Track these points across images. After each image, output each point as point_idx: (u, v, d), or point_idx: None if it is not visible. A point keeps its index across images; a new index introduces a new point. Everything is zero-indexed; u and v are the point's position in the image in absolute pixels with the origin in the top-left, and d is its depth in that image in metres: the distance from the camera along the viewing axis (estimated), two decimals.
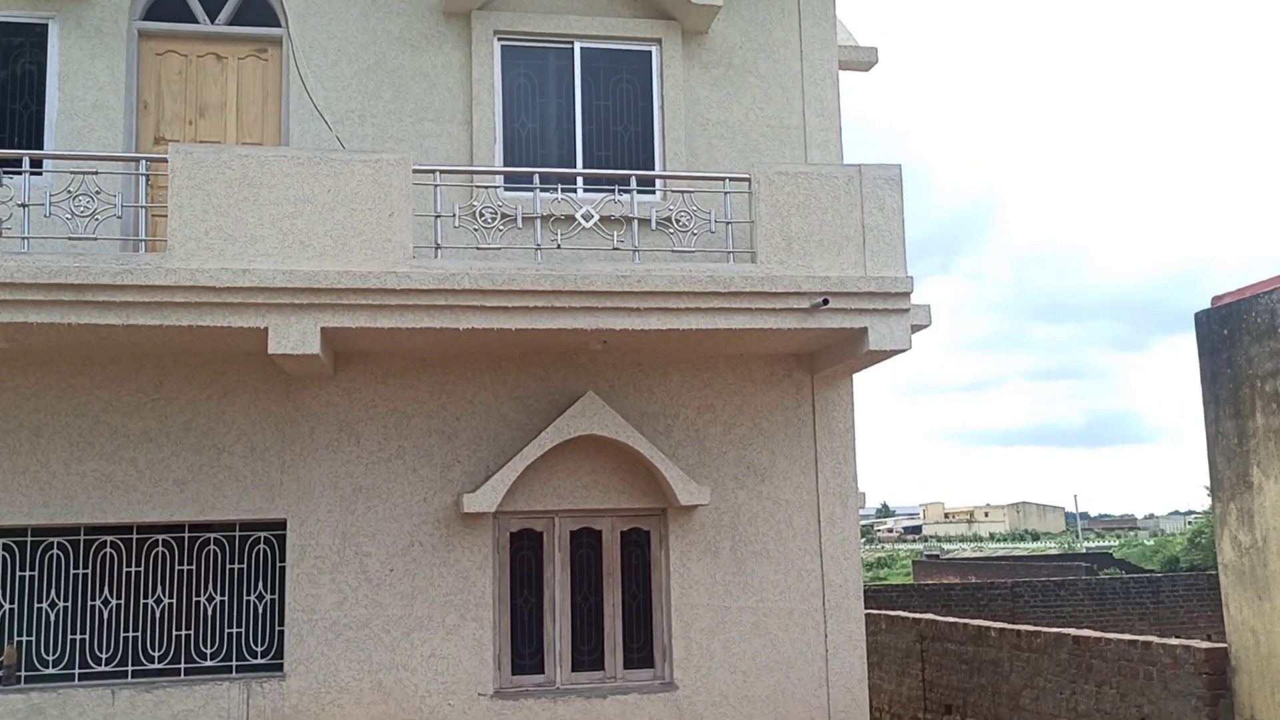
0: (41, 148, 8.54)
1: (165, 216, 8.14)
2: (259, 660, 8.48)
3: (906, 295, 8.24)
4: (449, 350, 8.64)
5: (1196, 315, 8.80)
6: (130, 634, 8.32)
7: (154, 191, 8.54)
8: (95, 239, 7.62)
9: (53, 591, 8.30)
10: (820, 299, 8.06)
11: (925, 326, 8.74)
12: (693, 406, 9.21)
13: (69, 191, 7.65)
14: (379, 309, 7.61)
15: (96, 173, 7.78)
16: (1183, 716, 8.55)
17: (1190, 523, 70.41)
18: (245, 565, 8.58)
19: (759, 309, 8.07)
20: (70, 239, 7.62)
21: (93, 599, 8.33)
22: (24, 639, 8.24)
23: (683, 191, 8.55)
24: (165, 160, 7.60)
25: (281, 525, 8.58)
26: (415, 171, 7.94)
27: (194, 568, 8.51)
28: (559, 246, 8.16)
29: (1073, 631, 9.97)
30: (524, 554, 8.98)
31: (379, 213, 7.63)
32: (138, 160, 7.88)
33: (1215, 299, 8.81)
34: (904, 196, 8.16)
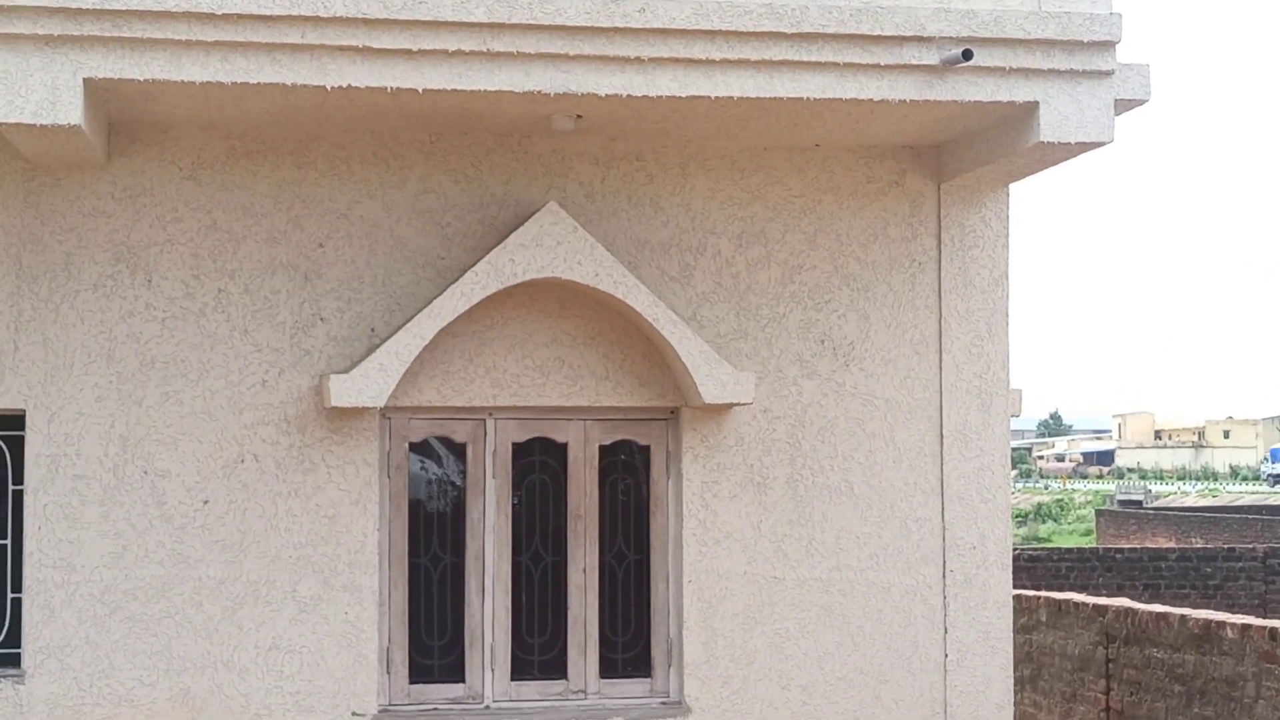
0: None
1: None
2: None
3: (1110, 47, 8.20)
4: (308, 126, 8.63)
5: None
6: None
7: None
8: None
9: None
10: (958, 50, 8.02)
11: (1140, 103, 8.68)
12: (730, 234, 9.22)
13: None
14: (185, 48, 7.57)
15: None
16: None
17: None
18: None
19: (849, 64, 8.04)
20: None
21: None
22: None
23: None
24: None
25: (17, 421, 8.65)
26: None
27: None
28: None
29: None
30: (434, 481, 9.05)
31: None
32: None
33: None
34: None
